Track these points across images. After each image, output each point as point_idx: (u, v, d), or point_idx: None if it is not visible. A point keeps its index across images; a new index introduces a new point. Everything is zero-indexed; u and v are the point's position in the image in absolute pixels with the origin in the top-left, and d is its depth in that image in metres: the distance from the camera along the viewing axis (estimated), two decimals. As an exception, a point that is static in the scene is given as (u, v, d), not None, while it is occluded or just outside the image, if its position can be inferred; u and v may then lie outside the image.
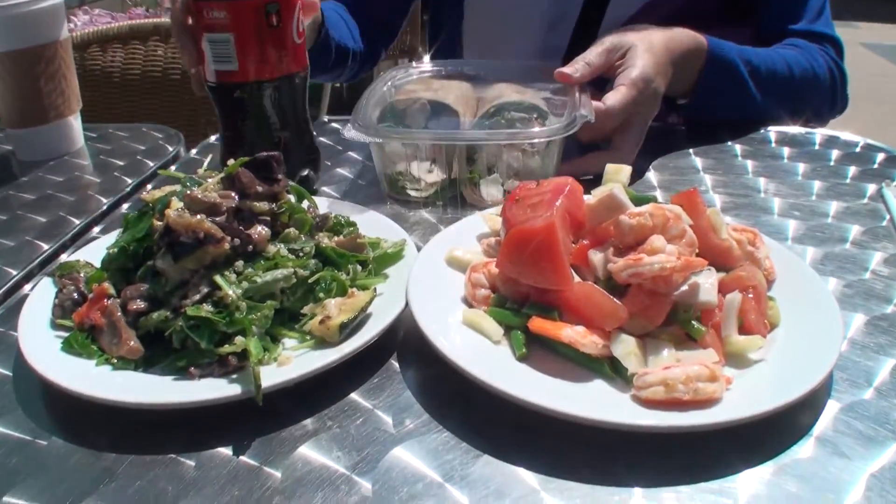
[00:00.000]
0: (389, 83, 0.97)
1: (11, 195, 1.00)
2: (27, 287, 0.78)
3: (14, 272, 0.80)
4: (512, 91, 0.89)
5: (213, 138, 1.13)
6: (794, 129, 1.12)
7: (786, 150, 1.05)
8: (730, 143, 1.09)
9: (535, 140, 0.82)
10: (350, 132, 0.83)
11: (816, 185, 0.94)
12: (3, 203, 0.98)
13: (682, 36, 1.02)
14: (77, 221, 0.91)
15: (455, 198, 0.86)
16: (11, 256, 0.84)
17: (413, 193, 0.88)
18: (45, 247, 0.85)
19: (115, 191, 1.00)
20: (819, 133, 1.11)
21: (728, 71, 1.05)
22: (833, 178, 0.96)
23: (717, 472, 0.51)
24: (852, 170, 0.98)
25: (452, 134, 0.84)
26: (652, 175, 0.98)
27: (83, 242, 0.85)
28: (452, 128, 0.86)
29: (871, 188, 0.93)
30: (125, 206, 0.97)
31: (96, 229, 0.91)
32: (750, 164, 1.01)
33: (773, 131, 1.12)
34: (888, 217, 0.86)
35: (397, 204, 0.89)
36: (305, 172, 0.90)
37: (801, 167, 0.99)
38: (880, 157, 1.02)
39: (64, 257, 0.83)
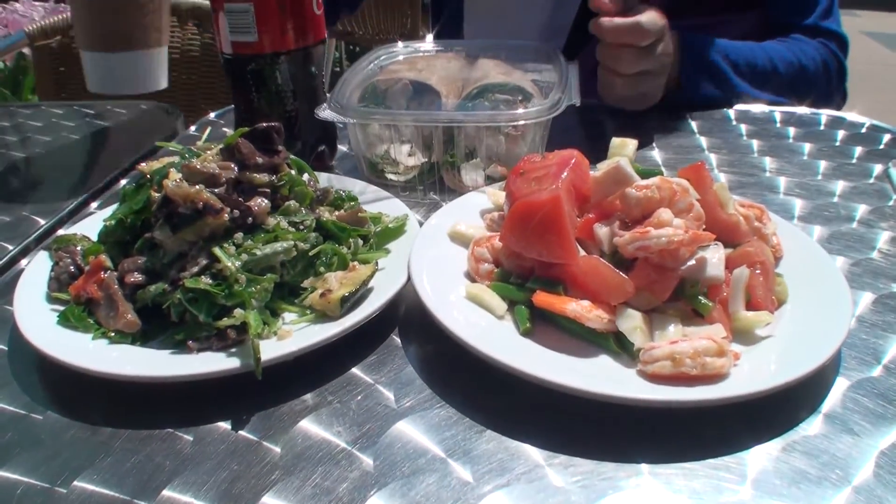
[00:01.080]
0: (374, 63, 0.95)
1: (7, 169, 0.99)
2: (23, 262, 0.77)
3: (10, 247, 0.79)
4: (498, 72, 0.87)
5: (212, 115, 1.12)
6: (801, 110, 1.11)
7: (791, 130, 1.04)
8: (735, 122, 1.07)
9: (516, 122, 0.79)
10: (325, 112, 0.81)
11: (822, 164, 0.93)
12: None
13: None
14: (76, 199, 0.90)
15: (435, 182, 0.84)
16: (7, 231, 0.83)
17: (392, 177, 0.85)
18: (42, 222, 0.84)
19: (114, 167, 0.98)
20: (825, 114, 1.10)
21: (706, 60, 1.07)
22: (839, 157, 0.95)
23: (724, 448, 0.50)
24: (858, 150, 0.97)
25: (430, 115, 0.82)
26: (656, 153, 0.97)
27: (80, 218, 0.83)
28: (434, 109, 0.84)
29: (878, 168, 0.92)
30: (123, 181, 0.96)
31: (94, 205, 0.90)
32: (755, 143, 1.00)
33: (777, 111, 1.11)
34: (895, 197, 0.84)
35: (376, 187, 0.86)
36: (321, 148, 0.88)
37: (807, 147, 0.98)
38: (886, 137, 1.01)
39: (61, 232, 0.82)
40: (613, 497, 0.47)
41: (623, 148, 0.70)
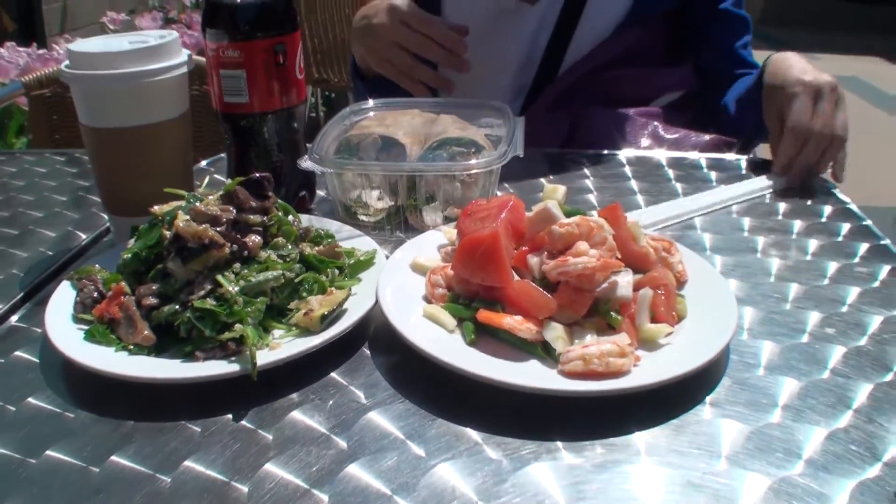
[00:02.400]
0: (348, 119, 1.08)
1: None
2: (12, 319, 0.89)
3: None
4: (456, 127, 1.00)
5: (203, 163, 1.25)
6: (728, 156, 1.27)
7: (713, 175, 1.19)
8: (666, 168, 1.22)
9: (470, 171, 0.93)
10: (306, 163, 0.93)
11: (735, 206, 1.08)
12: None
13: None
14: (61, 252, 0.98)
15: (401, 223, 0.97)
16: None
17: (364, 218, 0.98)
18: (30, 279, 0.91)
19: (95, 227, 1.06)
20: (744, 159, 1.25)
21: None
22: (752, 200, 1.10)
23: (623, 429, 0.63)
24: (769, 194, 1.12)
25: (396, 165, 0.95)
26: (593, 196, 1.11)
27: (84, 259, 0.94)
28: (399, 160, 0.97)
29: (783, 206, 1.07)
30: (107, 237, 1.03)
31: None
32: (680, 186, 1.15)
33: (703, 158, 1.26)
34: (794, 237, 0.99)
35: (350, 227, 0.97)
36: (302, 194, 1.02)
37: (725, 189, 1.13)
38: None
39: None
40: (535, 465, 0.60)
41: (553, 193, 0.84)
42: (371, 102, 1.11)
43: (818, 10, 10.48)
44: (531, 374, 0.67)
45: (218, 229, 0.74)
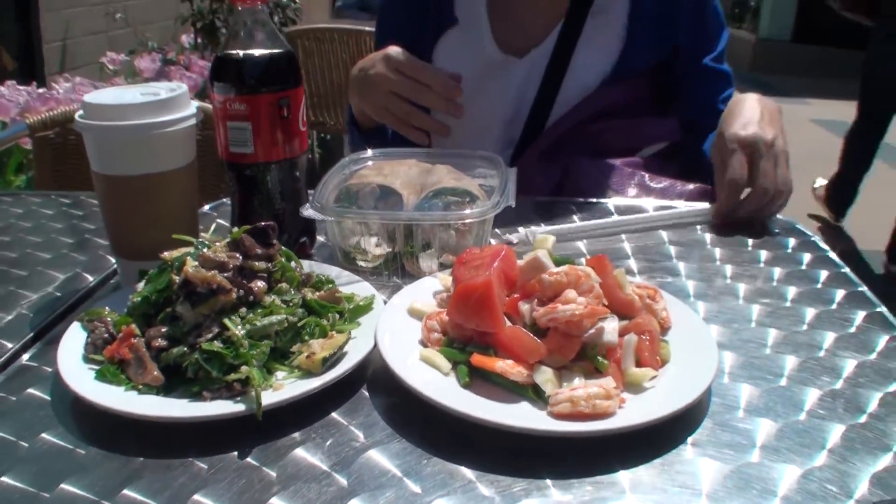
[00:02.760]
0: (347, 168, 1.12)
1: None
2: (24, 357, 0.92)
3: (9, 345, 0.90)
4: (451, 177, 1.05)
5: (206, 207, 1.29)
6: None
7: (698, 225, 1.24)
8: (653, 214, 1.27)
9: (464, 220, 0.97)
10: (308, 211, 0.97)
11: (718, 251, 1.12)
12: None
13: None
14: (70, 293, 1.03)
15: (398, 269, 1.01)
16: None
17: (362, 264, 1.02)
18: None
19: (101, 269, 1.09)
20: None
21: None
22: (735, 247, 1.14)
23: (609, 467, 0.67)
24: (750, 242, 1.17)
25: (394, 214, 1.00)
26: (583, 245, 1.16)
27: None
28: (396, 209, 1.01)
29: (765, 254, 1.11)
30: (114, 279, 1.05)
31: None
32: (665, 234, 1.19)
33: (686, 206, 1.31)
34: (775, 278, 1.04)
35: (349, 272, 1.01)
36: (303, 240, 1.06)
37: (708, 237, 1.18)
38: (778, 228, 1.21)
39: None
40: (526, 502, 0.63)
41: (543, 243, 0.88)
42: (369, 153, 1.16)
43: (808, 57, 10.69)
44: (522, 416, 0.71)
45: (225, 275, 0.78)
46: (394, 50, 1.28)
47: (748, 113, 1.21)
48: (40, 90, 3.11)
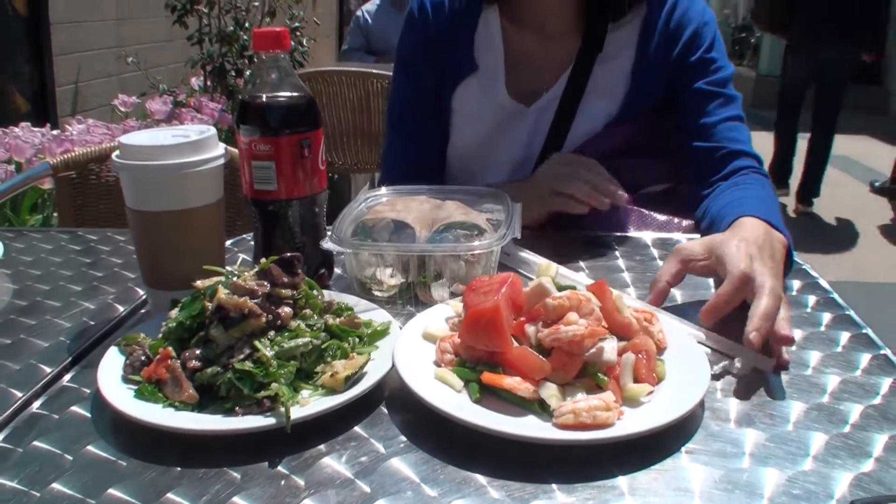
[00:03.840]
0: (363, 204, 1.20)
1: (13, 319, 1.12)
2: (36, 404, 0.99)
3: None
4: (460, 212, 1.12)
5: (228, 242, 1.36)
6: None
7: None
8: (651, 248, 1.34)
9: (473, 252, 1.05)
10: (327, 244, 1.05)
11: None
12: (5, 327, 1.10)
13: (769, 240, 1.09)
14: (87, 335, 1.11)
15: (412, 298, 1.08)
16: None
17: (377, 294, 1.09)
18: (47, 370, 0.96)
19: (132, 300, 1.16)
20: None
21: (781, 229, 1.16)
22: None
23: (609, 473, 0.73)
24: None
25: (407, 246, 1.07)
26: (584, 275, 1.22)
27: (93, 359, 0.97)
28: (410, 242, 1.08)
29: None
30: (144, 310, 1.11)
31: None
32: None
33: (685, 238, 1.38)
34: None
35: (367, 301, 1.07)
36: (322, 271, 1.13)
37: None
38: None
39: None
40: (533, 503, 0.70)
41: (547, 270, 0.95)
42: (384, 190, 1.24)
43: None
44: (529, 426, 0.77)
45: (255, 301, 0.85)
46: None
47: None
48: (54, 132, 3.20)
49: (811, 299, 1.12)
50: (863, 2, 5.67)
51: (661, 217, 1.47)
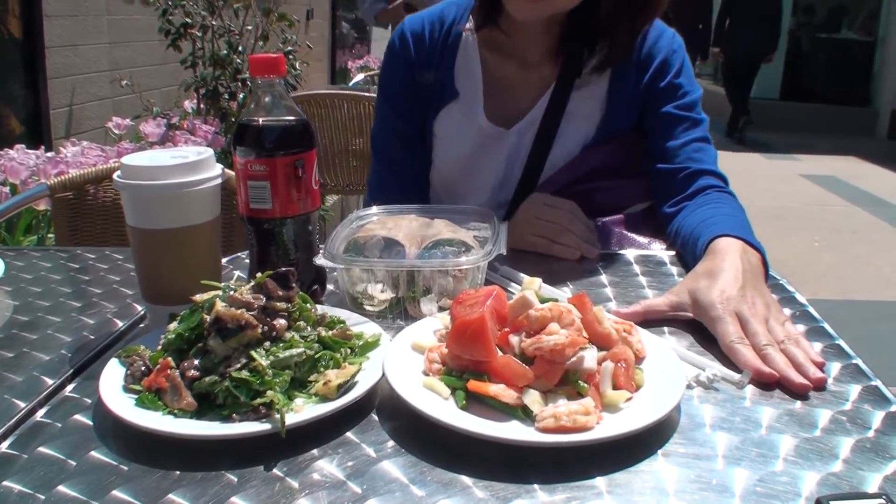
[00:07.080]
0: (355, 222, 1.24)
1: (15, 333, 1.15)
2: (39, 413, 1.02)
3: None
4: (448, 230, 1.17)
5: (223, 261, 1.40)
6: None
7: (674, 269, 1.35)
8: (633, 265, 1.39)
9: (460, 267, 1.09)
10: (320, 260, 1.09)
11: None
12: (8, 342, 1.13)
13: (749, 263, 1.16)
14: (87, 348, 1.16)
15: (401, 312, 1.12)
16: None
17: (368, 308, 1.13)
18: (49, 381, 0.99)
19: (130, 315, 1.19)
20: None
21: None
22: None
23: (588, 474, 0.77)
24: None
25: (397, 262, 1.11)
26: (568, 289, 1.27)
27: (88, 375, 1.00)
28: (399, 258, 1.12)
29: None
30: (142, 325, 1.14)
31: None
32: (644, 279, 1.31)
33: (667, 255, 1.43)
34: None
35: (358, 315, 1.10)
36: (315, 287, 1.17)
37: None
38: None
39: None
40: (516, 502, 0.73)
41: (531, 284, 0.99)
42: (374, 209, 1.28)
43: (796, 113, 11.02)
44: (513, 431, 0.81)
45: (251, 313, 0.89)
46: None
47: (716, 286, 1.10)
48: (49, 154, 3.23)
49: (787, 312, 1.17)
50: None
51: (643, 239, 1.52)
